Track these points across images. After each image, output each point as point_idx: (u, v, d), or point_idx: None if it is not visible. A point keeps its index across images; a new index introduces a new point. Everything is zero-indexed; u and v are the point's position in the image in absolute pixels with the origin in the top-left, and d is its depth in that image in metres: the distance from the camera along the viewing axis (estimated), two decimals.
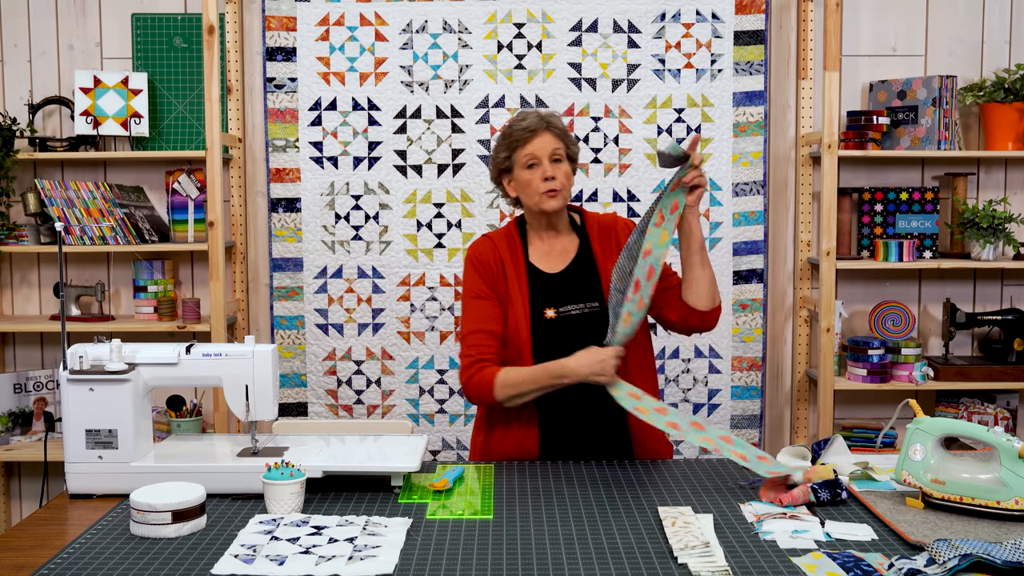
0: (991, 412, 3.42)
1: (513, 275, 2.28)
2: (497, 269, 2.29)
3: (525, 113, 2.29)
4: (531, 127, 2.24)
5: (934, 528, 1.67)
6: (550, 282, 2.28)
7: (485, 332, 2.23)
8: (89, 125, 3.36)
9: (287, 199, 3.44)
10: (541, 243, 2.33)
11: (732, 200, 3.43)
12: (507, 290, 2.28)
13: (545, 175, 2.22)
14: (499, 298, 2.27)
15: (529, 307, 2.25)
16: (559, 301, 2.26)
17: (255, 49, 3.47)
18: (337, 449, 2.08)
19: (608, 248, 2.31)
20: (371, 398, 3.47)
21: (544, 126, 2.25)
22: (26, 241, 3.38)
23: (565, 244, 2.33)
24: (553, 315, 2.24)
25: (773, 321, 3.56)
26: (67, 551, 1.63)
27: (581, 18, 3.40)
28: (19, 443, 3.40)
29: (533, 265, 2.31)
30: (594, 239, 2.33)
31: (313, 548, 1.60)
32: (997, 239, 3.30)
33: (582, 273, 2.29)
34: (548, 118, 2.27)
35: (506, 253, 2.31)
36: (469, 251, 2.33)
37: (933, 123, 3.32)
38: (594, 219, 2.37)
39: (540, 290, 2.27)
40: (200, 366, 2.01)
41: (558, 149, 2.25)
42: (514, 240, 2.33)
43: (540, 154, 2.23)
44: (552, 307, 2.25)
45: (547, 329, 2.24)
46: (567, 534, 1.70)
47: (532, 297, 2.26)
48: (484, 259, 2.30)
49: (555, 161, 2.24)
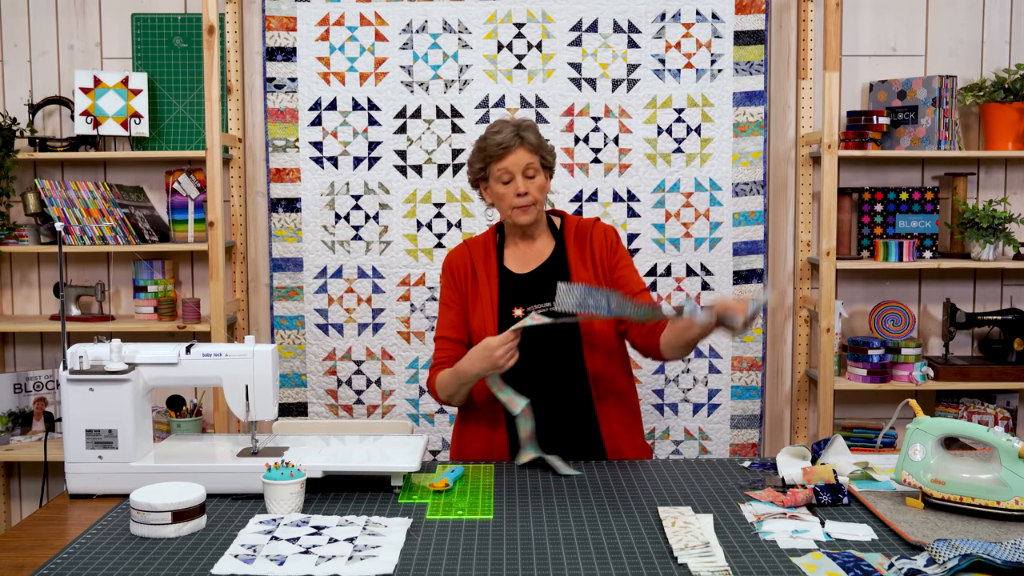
0: (991, 412, 3.42)
1: (484, 277, 2.34)
2: (466, 274, 2.36)
3: (500, 125, 2.29)
4: (504, 143, 2.24)
5: (934, 528, 1.67)
6: (519, 282, 2.33)
7: (447, 339, 2.35)
8: (89, 125, 3.36)
9: (287, 199, 3.44)
10: (517, 248, 2.38)
11: (732, 200, 3.43)
12: (476, 292, 2.34)
13: (518, 191, 2.25)
14: (463, 304, 2.35)
15: (497, 306, 2.30)
16: (527, 300, 2.30)
17: (255, 49, 3.47)
18: (337, 449, 2.08)
19: (582, 250, 2.35)
20: (371, 398, 3.47)
21: (518, 142, 2.25)
22: (26, 241, 3.38)
23: (541, 248, 2.37)
24: (521, 314, 2.28)
25: (773, 321, 3.56)
26: (67, 551, 1.63)
27: (581, 18, 3.40)
28: (19, 443, 3.40)
29: (505, 267, 2.36)
30: (570, 242, 2.37)
31: (313, 548, 1.60)
32: (997, 239, 3.30)
33: (552, 274, 2.32)
34: (523, 132, 2.27)
35: (480, 258, 2.37)
36: (445, 257, 2.42)
37: (933, 123, 3.32)
38: (573, 223, 2.40)
39: (509, 290, 2.32)
40: (200, 366, 2.02)
41: (532, 164, 2.26)
42: (490, 245, 2.39)
43: (514, 170, 2.26)
44: (520, 306, 2.30)
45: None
46: (567, 534, 1.70)
47: (501, 296, 2.32)
48: (454, 266, 2.38)
49: (529, 177, 2.27)
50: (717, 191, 3.43)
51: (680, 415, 3.48)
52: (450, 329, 2.35)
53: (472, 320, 2.33)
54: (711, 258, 3.44)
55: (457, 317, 2.35)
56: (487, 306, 2.30)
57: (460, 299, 2.36)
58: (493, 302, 2.31)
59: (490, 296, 2.31)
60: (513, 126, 2.27)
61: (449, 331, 2.35)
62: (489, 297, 2.31)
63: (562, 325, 2.19)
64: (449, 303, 2.37)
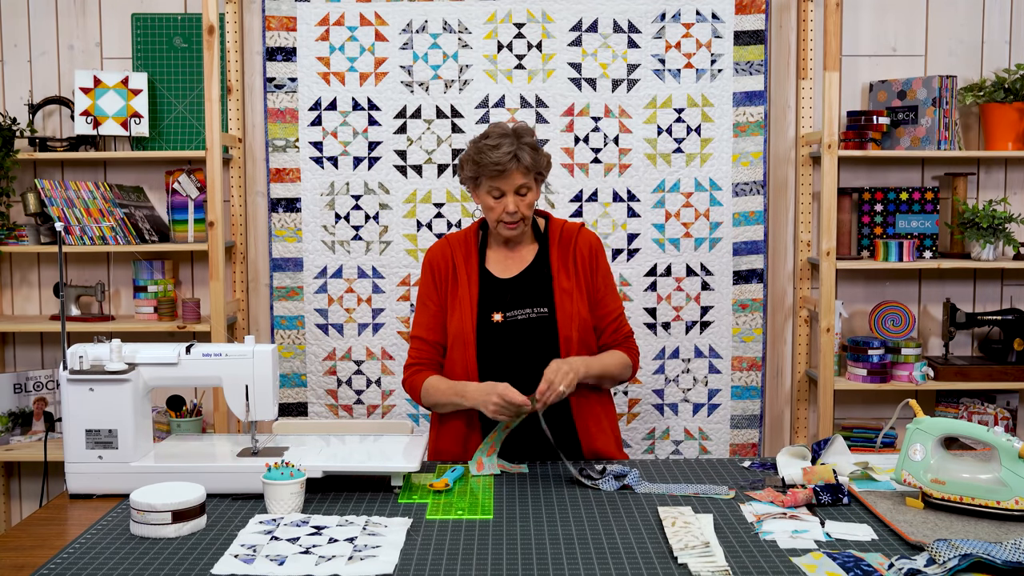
0: (991, 412, 3.42)
1: (464, 278, 2.32)
2: (446, 273, 2.34)
3: (499, 138, 2.24)
4: (500, 164, 2.21)
5: (934, 528, 1.67)
6: (500, 287, 2.32)
7: (423, 340, 2.34)
8: (89, 125, 3.36)
9: (287, 199, 3.44)
10: (499, 249, 2.37)
11: (732, 200, 3.43)
12: (456, 292, 2.32)
13: (508, 210, 2.25)
14: (442, 303, 2.34)
15: (476, 310, 2.29)
16: (507, 306, 2.29)
17: (255, 49, 3.47)
18: (337, 449, 2.08)
19: (565, 255, 2.34)
20: (371, 398, 3.47)
21: (515, 165, 2.22)
22: (26, 241, 3.38)
23: (523, 252, 2.37)
24: (500, 319, 2.27)
25: (773, 321, 3.56)
26: (67, 551, 1.63)
27: (581, 18, 3.40)
28: (19, 443, 3.40)
29: (487, 269, 2.35)
30: (553, 246, 2.35)
31: (313, 548, 1.60)
32: (997, 239, 3.30)
33: (534, 279, 2.31)
34: (519, 151, 2.23)
35: (460, 256, 2.35)
36: (425, 253, 2.41)
37: (933, 123, 3.32)
38: (557, 227, 2.38)
39: (489, 294, 2.31)
40: (200, 366, 2.02)
41: (525, 184, 2.26)
42: (471, 243, 2.37)
43: (506, 189, 2.25)
44: (500, 311, 2.28)
45: (493, 332, 2.27)
46: (567, 534, 1.70)
47: (481, 300, 2.30)
48: (435, 262, 2.37)
49: (521, 195, 2.26)
50: (717, 191, 3.43)
51: (680, 415, 3.48)
52: (426, 330, 2.34)
53: (450, 322, 2.31)
54: (711, 258, 3.44)
55: (434, 318, 2.34)
56: (466, 309, 2.29)
57: (439, 298, 2.35)
58: (472, 305, 2.29)
59: (470, 299, 2.30)
60: (511, 140, 2.23)
61: (425, 332, 2.34)
62: (469, 300, 2.30)
63: (538, 326, 2.25)
64: (427, 302, 2.36)
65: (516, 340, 2.26)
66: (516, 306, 2.28)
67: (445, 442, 2.34)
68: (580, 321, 2.27)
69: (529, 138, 2.28)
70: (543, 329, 2.26)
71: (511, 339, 2.26)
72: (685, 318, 3.46)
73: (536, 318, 2.27)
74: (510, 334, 2.26)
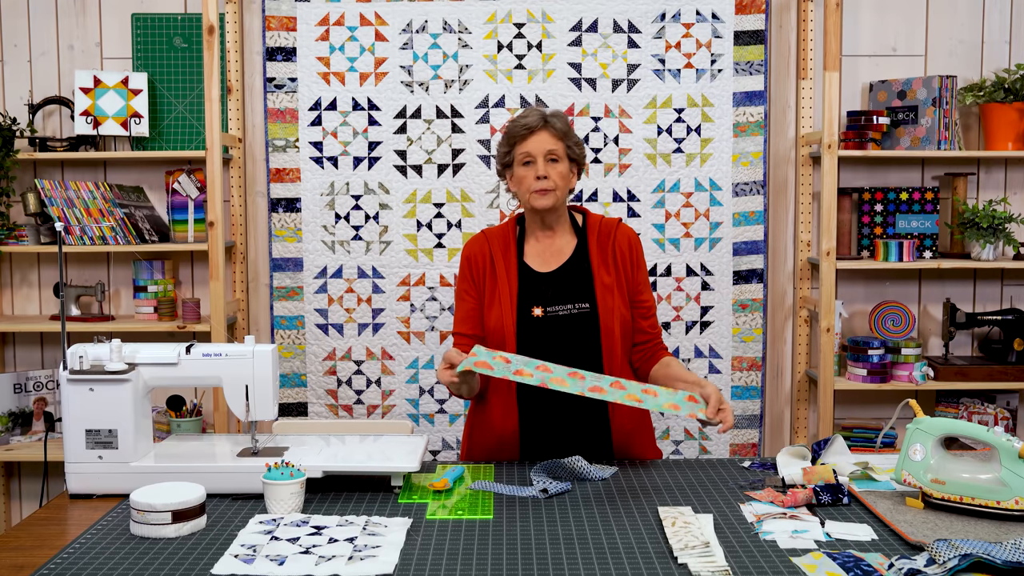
0: (991, 412, 3.42)
1: (503, 272, 2.29)
2: (484, 265, 2.31)
3: (529, 110, 2.30)
4: (530, 125, 2.25)
5: (934, 528, 1.67)
6: (541, 281, 2.29)
7: (463, 335, 2.32)
8: (89, 125, 3.36)
9: (287, 199, 3.44)
10: (537, 242, 2.34)
11: (732, 200, 3.43)
12: (495, 286, 2.29)
13: (538, 174, 2.23)
14: (480, 297, 2.31)
15: (516, 304, 2.26)
16: (548, 300, 2.26)
17: (255, 49, 3.47)
18: (337, 449, 2.08)
19: (604, 251, 2.31)
20: (371, 398, 3.47)
21: (543, 125, 2.25)
22: (26, 241, 3.38)
23: (561, 244, 2.33)
24: (540, 314, 2.25)
25: (773, 321, 3.56)
26: (67, 551, 1.63)
27: (581, 18, 3.40)
28: (19, 443, 3.40)
29: (525, 263, 2.31)
30: (592, 241, 2.32)
31: (313, 548, 1.60)
32: (997, 239, 3.30)
33: (575, 274, 2.29)
34: (550, 117, 2.27)
35: (498, 250, 2.33)
36: (464, 247, 2.39)
37: (933, 123, 3.32)
38: (596, 221, 2.36)
39: (529, 288, 2.28)
40: (200, 366, 2.01)
41: (555, 149, 2.24)
42: (509, 237, 2.35)
43: (535, 152, 2.24)
44: (540, 306, 2.26)
45: (533, 327, 2.25)
46: (567, 534, 1.70)
47: (520, 295, 2.27)
48: (473, 256, 2.34)
49: (552, 160, 2.25)
50: (717, 191, 3.43)
51: (680, 415, 3.47)
52: (465, 324, 2.31)
53: (489, 316, 2.28)
54: (711, 258, 3.44)
55: (473, 312, 2.31)
56: (506, 303, 2.26)
57: (477, 292, 2.32)
58: (512, 299, 2.26)
59: (509, 293, 2.27)
60: (541, 112, 2.27)
61: (464, 326, 2.32)
62: (508, 294, 2.27)
63: (580, 322, 2.20)
64: (464, 296, 2.33)
65: (557, 335, 2.23)
66: (557, 301, 2.25)
67: (478, 441, 2.32)
68: (621, 317, 2.26)
69: (560, 115, 2.30)
70: (585, 325, 2.24)
71: (552, 334, 2.23)
72: (685, 318, 3.46)
73: (577, 314, 2.24)
74: (551, 329, 2.24)
